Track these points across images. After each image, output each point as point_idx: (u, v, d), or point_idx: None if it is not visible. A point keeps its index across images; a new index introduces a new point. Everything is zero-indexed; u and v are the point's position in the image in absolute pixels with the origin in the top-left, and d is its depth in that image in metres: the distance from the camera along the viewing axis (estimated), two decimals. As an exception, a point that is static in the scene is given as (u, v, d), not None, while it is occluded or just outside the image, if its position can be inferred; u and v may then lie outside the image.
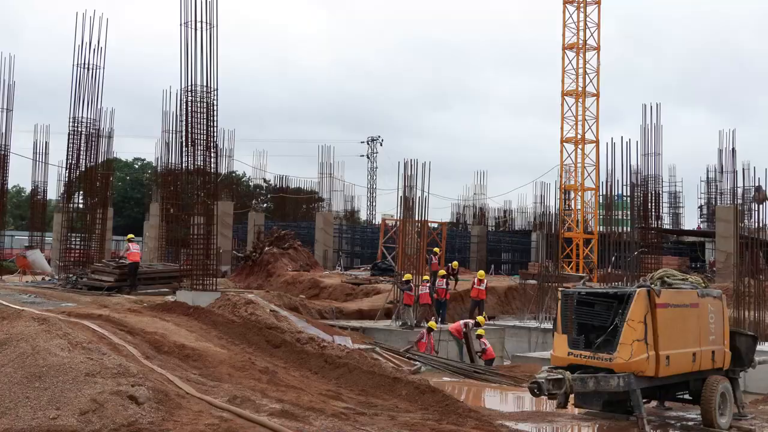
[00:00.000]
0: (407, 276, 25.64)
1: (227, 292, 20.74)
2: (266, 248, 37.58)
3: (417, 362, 19.67)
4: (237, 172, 61.51)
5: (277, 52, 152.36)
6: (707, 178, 53.33)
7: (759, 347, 15.89)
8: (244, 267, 37.81)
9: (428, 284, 26.56)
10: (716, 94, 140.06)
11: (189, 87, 22.55)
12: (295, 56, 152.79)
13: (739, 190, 28.40)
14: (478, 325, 22.75)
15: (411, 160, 27.08)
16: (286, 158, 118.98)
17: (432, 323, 23.02)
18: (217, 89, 22.73)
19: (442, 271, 29.16)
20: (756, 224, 26.32)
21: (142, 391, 8.37)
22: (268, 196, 65.91)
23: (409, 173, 26.79)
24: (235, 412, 8.60)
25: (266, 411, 8.87)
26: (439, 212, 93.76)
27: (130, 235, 26.44)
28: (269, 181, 63.76)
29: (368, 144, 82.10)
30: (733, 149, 40.35)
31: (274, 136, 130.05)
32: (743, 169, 36.11)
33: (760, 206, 28.05)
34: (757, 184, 28.46)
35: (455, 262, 31.80)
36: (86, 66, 28.18)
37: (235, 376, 11.35)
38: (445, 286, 27.91)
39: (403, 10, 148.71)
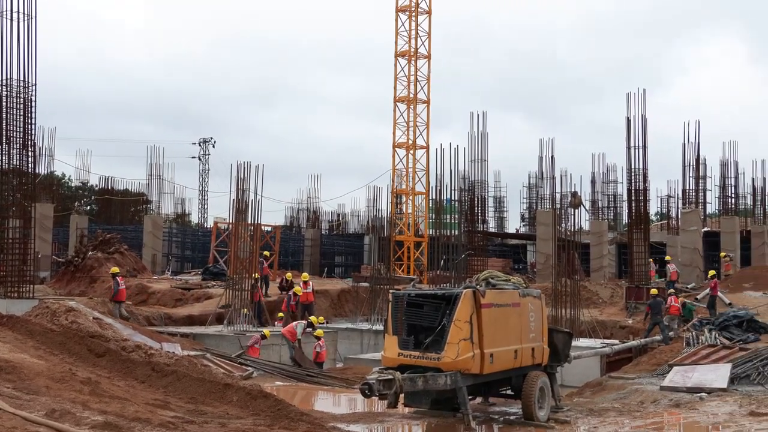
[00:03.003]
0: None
1: (46, 300, 19.77)
2: (90, 253, 35.79)
3: (249, 367, 19.44)
4: (57, 173, 58.28)
5: (99, 45, 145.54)
6: (529, 183, 56.40)
7: (574, 343, 16.99)
8: (66, 273, 35.82)
9: (311, 286, 26.63)
10: (537, 102, 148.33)
11: (4, 81, 21.43)
12: (120, 50, 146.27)
13: (558, 196, 30.21)
14: (311, 325, 22.65)
15: (244, 162, 26.82)
16: (112, 158, 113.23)
17: (266, 331, 22.74)
18: (35, 84, 21.76)
19: (298, 289, 28.58)
20: (572, 227, 28.10)
21: (-53, 409, 7.75)
22: (93, 197, 62.88)
23: (242, 176, 26.47)
24: (53, 426, 8.15)
25: (88, 424, 8.48)
26: (272, 215, 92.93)
27: None
28: (87, 182, 60.83)
29: (200, 145, 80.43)
30: (552, 157, 43.04)
31: (98, 134, 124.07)
32: (561, 175, 38.65)
33: (576, 211, 30.04)
34: (573, 190, 30.40)
35: (288, 274, 31.54)
36: None
37: (54, 389, 10.74)
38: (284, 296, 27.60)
39: (230, 5, 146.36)
